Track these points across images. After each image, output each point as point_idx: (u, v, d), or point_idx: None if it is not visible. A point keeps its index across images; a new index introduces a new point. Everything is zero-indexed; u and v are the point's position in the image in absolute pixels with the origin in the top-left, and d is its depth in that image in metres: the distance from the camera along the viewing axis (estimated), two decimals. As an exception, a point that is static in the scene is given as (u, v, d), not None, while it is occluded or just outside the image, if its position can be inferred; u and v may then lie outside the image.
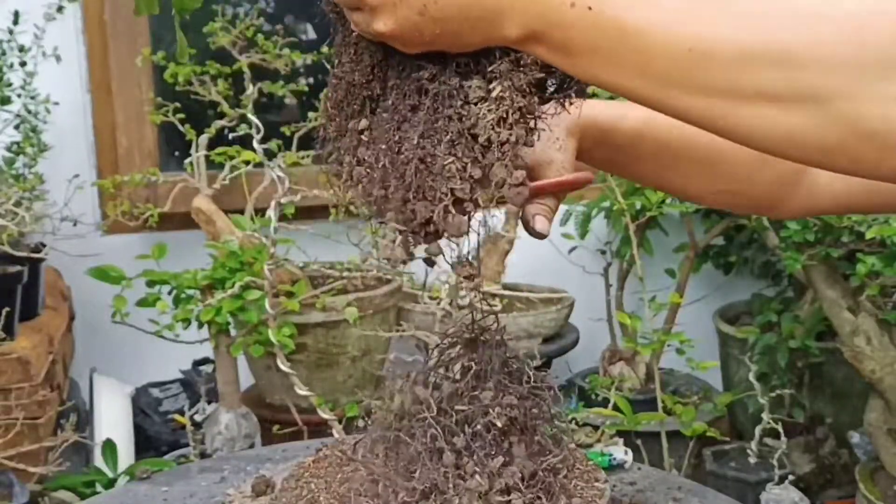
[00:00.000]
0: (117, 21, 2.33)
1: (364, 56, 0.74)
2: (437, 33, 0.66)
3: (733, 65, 0.58)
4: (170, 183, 2.26)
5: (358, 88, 0.75)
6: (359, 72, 0.75)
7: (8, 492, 1.51)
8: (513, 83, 0.69)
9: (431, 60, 0.71)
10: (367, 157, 0.74)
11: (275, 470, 1.02)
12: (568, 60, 0.65)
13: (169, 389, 2.32)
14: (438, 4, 0.65)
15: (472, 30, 0.66)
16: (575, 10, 0.63)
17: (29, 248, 1.88)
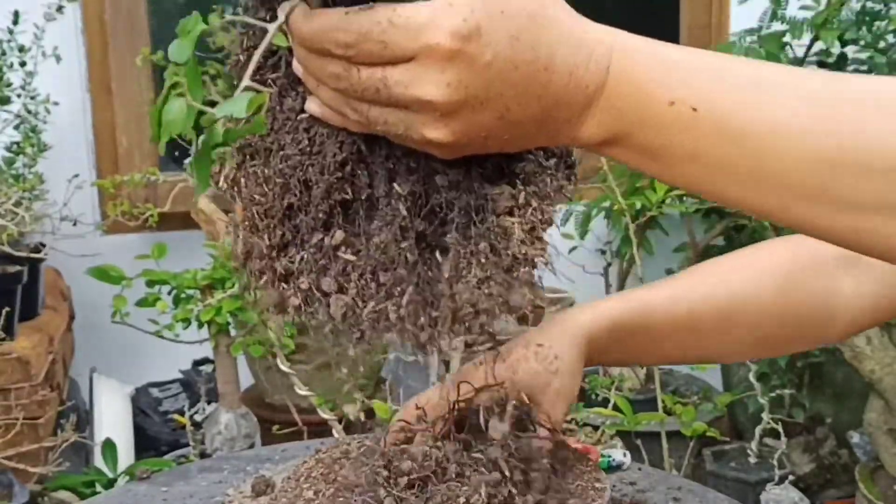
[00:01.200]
0: (117, 21, 2.33)
1: (326, 147, 0.58)
2: (504, 139, 0.55)
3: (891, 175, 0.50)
4: (170, 183, 2.26)
5: (320, 191, 0.58)
6: (316, 167, 0.58)
7: (8, 492, 1.51)
8: (538, 189, 0.59)
9: (448, 162, 0.57)
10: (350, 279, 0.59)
11: (275, 470, 1.02)
12: (657, 165, 0.57)
13: (169, 389, 2.32)
14: (522, 106, 0.54)
15: (545, 132, 0.56)
16: (674, 110, 0.54)
17: (29, 248, 1.88)
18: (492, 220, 0.57)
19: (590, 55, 0.54)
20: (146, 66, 2.30)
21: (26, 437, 1.66)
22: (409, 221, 0.58)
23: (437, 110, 0.52)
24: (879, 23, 2.26)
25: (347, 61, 0.53)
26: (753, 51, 2.23)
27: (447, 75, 0.51)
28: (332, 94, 0.56)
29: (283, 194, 0.59)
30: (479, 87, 0.52)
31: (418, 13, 0.51)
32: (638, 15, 2.98)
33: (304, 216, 0.59)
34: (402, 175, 0.58)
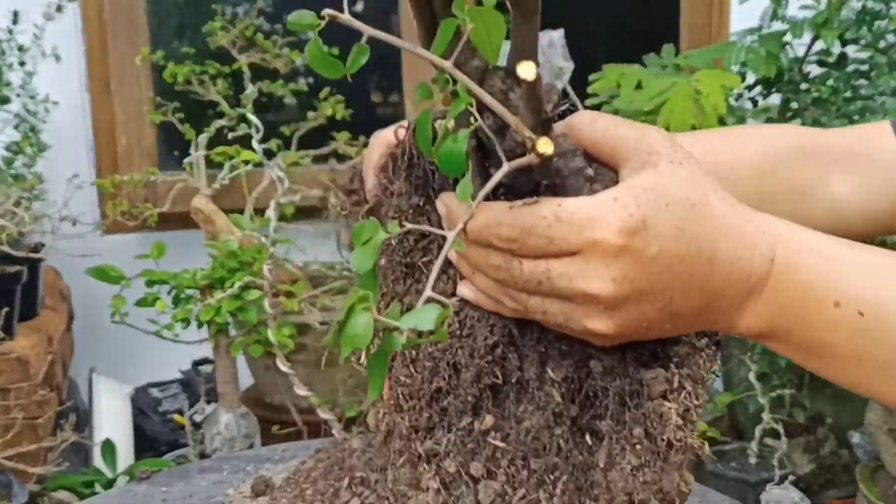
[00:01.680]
0: (117, 20, 2.32)
1: (478, 330, 0.57)
2: (664, 328, 0.55)
3: None
4: (169, 182, 2.26)
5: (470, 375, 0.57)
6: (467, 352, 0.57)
7: (7, 492, 1.50)
8: (691, 372, 0.57)
9: (602, 348, 0.56)
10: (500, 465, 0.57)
11: (274, 470, 1.01)
12: (818, 363, 0.56)
13: (168, 389, 2.31)
14: (685, 297, 0.53)
15: (704, 322, 0.56)
16: (840, 312, 0.53)
17: (28, 248, 1.88)
18: (647, 405, 0.56)
19: (753, 246, 0.54)
20: (146, 66, 2.30)
21: (26, 437, 1.66)
22: (563, 407, 0.56)
23: (602, 304, 0.52)
24: (880, 22, 2.26)
25: (510, 254, 0.53)
26: (753, 50, 2.23)
27: (613, 270, 0.51)
28: (490, 282, 0.55)
29: (432, 378, 0.58)
30: (644, 280, 0.52)
31: (583, 208, 0.51)
32: (638, 15, 2.98)
33: (453, 399, 0.58)
34: (555, 359, 0.57)
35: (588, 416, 0.57)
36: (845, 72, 2.32)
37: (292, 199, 1.97)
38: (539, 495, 0.56)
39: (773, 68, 2.21)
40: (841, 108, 2.22)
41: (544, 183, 0.52)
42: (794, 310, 0.54)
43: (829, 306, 0.54)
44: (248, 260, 1.82)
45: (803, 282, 0.54)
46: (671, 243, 0.51)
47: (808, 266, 0.55)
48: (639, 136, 0.54)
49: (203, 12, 2.34)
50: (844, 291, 0.54)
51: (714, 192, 0.54)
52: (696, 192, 0.53)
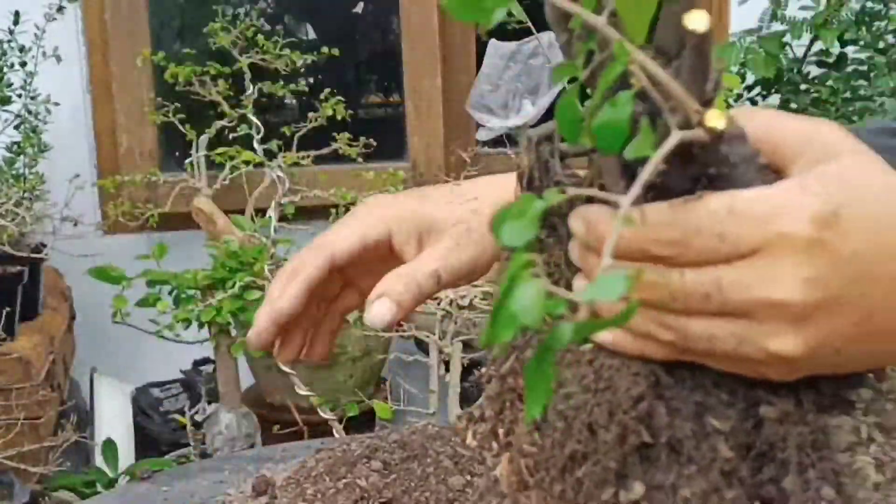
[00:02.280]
0: (117, 21, 2.33)
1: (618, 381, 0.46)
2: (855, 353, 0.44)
3: None
4: (170, 183, 2.26)
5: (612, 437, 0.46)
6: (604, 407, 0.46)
7: (8, 492, 1.51)
8: (879, 419, 0.46)
9: (773, 390, 0.45)
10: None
11: (275, 470, 1.02)
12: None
13: (169, 389, 2.32)
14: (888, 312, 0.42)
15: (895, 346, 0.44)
16: None
17: (29, 249, 1.88)
18: (836, 458, 0.46)
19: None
20: (147, 67, 2.31)
21: (27, 437, 1.67)
22: (733, 465, 0.45)
23: (789, 316, 0.42)
24: (879, 23, 2.27)
25: (666, 264, 0.43)
26: (753, 51, 2.23)
27: (805, 269, 0.41)
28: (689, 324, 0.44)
29: (565, 441, 0.47)
30: (840, 284, 0.41)
31: (764, 197, 0.42)
32: (638, 15, 2.98)
33: (591, 466, 0.47)
34: (716, 409, 0.46)
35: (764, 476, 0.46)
36: (845, 72, 2.32)
37: (292, 200, 1.97)
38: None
39: (772, 69, 2.21)
40: (840, 108, 2.22)
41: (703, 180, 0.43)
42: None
43: None
44: (248, 260, 1.82)
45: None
46: (871, 237, 0.42)
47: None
48: (810, 129, 0.46)
49: (204, 13, 2.35)
50: None
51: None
52: (890, 184, 0.43)
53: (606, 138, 0.39)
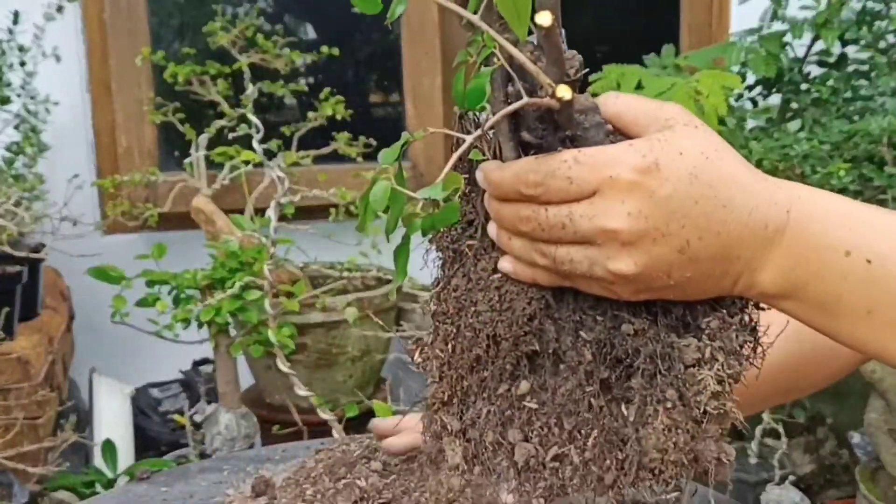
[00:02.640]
0: (117, 21, 2.33)
1: (516, 303, 0.60)
2: (686, 276, 0.56)
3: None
4: (169, 183, 2.26)
5: (508, 344, 0.60)
6: (506, 323, 0.59)
7: (8, 492, 1.51)
8: (724, 345, 0.59)
9: (634, 312, 0.59)
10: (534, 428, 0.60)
11: (275, 470, 1.02)
12: (832, 321, 0.57)
13: (169, 389, 2.32)
14: (703, 241, 0.55)
15: (723, 274, 0.57)
16: (850, 261, 0.55)
17: (29, 248, 1.88)
18: (679, 369, 0.58)
19: (770, 196, 0.57)
20: (146, 66, 2.30)
21: (26, 437, 1.66)
22: (594, 366, 0.59)
23: (620, 240, 0.55)
24: (880, 23, 2.26)
25: (536, 202, 0.56)
26: (753, 51, 2.23)
27: (628, 205, 0.54)
28: (522, 243, 0.58)
29: (471, 347, 0.61)
30: (658, 218, 0.54)
31: (600, 151, 0.56)
32: (638, 15, 2.98)
33: (491, 367, 0.61)
34: (589, 325, 0.59)
35: (620, 377, 0.59)
36: (845, 72, 2.32)
37: (292, 199, 1.97)
38: (570, 449, 0.58)
39: (773, 68, 2.21)
40: (841, 108, 2.22)
41: (568, 139, 0.57)
42: (810, 261, 0.56)
43: (840, 256, 0.56)
44: (248, 260, 1.82)
45: (817, 232, 0.56)
46: (685, 186, 0.54)
47: (822, 218, 0.57)
48: (657, 106, 0.58)
49: (203, 13, 2.35)
50: (855, 241, 0.56)
51: (729, 150, 0.57)
52: (710, 148, 0.56)
53: (472, 99, 0.57)
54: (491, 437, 0.60)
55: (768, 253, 0.57)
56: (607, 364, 0.59)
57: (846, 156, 2.00)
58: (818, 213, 0.57)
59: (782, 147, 2.05)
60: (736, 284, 0.58)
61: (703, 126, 0.58)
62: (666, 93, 2.02)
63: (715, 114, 1.98)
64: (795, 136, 2.12)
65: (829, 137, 2.03)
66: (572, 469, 0.58)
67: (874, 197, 1.95)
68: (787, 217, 0.57)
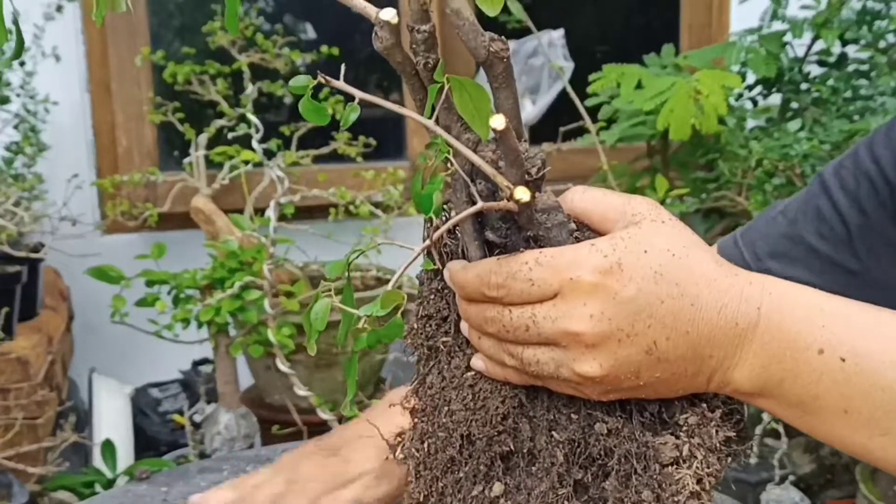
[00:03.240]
0: (117, 20, 2.32)
1: (489, 402, 0.59)
2: (655, 377, 0.56)
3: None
4: (169, 182, 2.26)
5: (482, 444, 0.59)
6: (479, 422, 0.59)
7: (7, 492, 1.50)
8: (702, 441, 0.58)
9: (608, 411, 0.58)
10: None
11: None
12: (810, 419, 0.57)
13: (168, 389, 2.31)
14: (671, 341, 0.54)
15: (695, 373, 0.56)
16: (823, 359, 0.55)
17: (28, 248, 1.88)
18: (655, 469, 0.57)
19: (740, 293, 0.55)
20: (146, 66, 2.30)
21: (25, 437, 1.66)
22: (567, 467, 0.58)
23: (583, 342, 0.54)
24: (880, 22, 2.26)
25: (500, 304, 0.56)
26: (753, 50, 2.23)
27: (590, 307, 0.54)
28: (491, 343, 0.58)
29: (445, 447, 0.61)
30: (622, 319, 0.54)
31: (562, 254, 0.55)
32: (638, 14, 2.98)
33: (465, 468, 0.60)
34: (563, 424, 0.59)
35: (595, 476, 0.58)
36: (845, 72, 2.32)
37: (292, 199, 1.97)
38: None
39: (773, 68, 2.21)
40: (841, 108, 2.22)
41: (531, 239, 0.57)
42: (784, 359, 0.55)
43: (814, 354, 0.55)
44: (248, 260, 1.82)
45: (790, 329, 0.55)
46: (649, 285, 0.54)
47: (794, 314, 0.56)
48: (625, 201, 0.58)
49: (203, 12, 2.34)
50: (828, 339, 0.55)
51: (698, 246, 0.56)
52: (677, 245, 0.55)
53: (424, 205, 0.56)
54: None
55: (741, 351, 0.55)
56: (581, 464, 0.58)
57: (846, 155, 2.00)
58: (790, 309, 0.56)
59: (782, 147, 2.05)
60: (710, 382, 0.57)
61: (672, 220, 0.57)
62: (666, 92, 2.02)
63: (715, 113, 1.98)
64: (795, 135, 2.12)
65: (829, 137, 2.03)
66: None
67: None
68: (759, 314, 0.55)
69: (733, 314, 0.55)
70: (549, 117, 2.37)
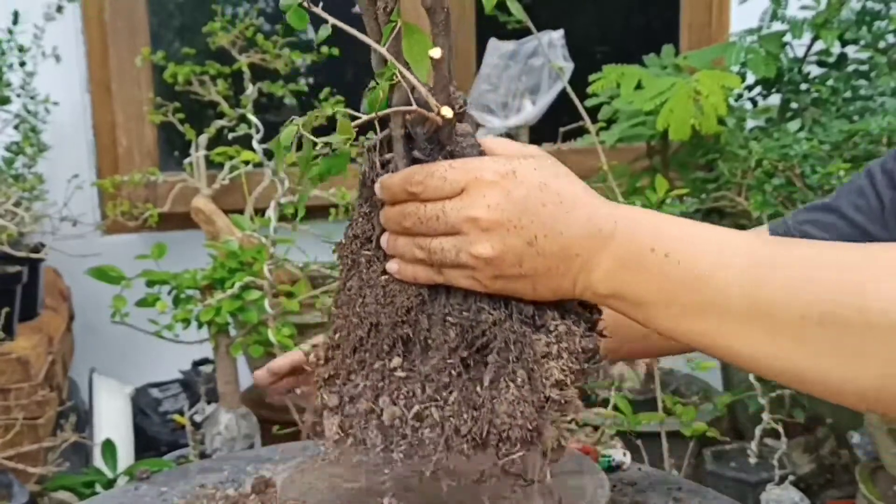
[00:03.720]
0: (117, 21, 2.33)
1: (397, 298, 0.72)
2: (534, 267, 0.68)
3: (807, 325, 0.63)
4: (169, 183, 2.26)
5: (387, 329, 0.72)
6: (387, 314, 0.72)
7: (7, 492, 1.51)
8: (568, 346, 0.70)
9: (494, 306, 0.71)
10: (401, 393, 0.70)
11: (275, 470, 1.02)
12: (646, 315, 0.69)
13: (168, 389, 2.32)
14: (548, 239, 0.68)
15: (565, 271, 0.69)
16: (654, 256, 0.67)
17: (28, 248, 1.88)
18: (530, 354, 0.69)
19: (604, 209, 0.70)
20: (146, 66, 2.30)
21: (26, 437, 1.66)
22: (457, 344, 0.70)
23: (480, 227, 0.68)
24: (879, 23, 2.26)
25: (417, 200, 0.70)
26: (753, 51, 2.23)
27: (488, 199, 0.68)
28: (405, 241, 0.72)
29: (356, 330, 0.73)
30: (512, 212, 0.68)
31: (471, 160, 0.71)
32: (638, 15, 2.98)
33: (371, 347, 0.73)
34: (455, 314, 0.71)
35: (478, 361, 0.70)
36: (845, 72, 2.32)
37: (292, 199, 1.97)
38: (431, 406, 0.69)
39: (772, 69, 2.21)
40: (841, 108, 2.22)
41: (449, 155, 0.72)
42: (630, 262, 0.68)
43: (647, 253, 0.67)
44: (248, 260, 1.82)
45: (635, 237, 0.68)
46: (536, 191, 0.68)
47: (639, 225, 0.69)
48: (523, 146, 0.74)
49: (203, 13, 2.35)
50: (659, 238, 0.68)
51: (576, 178, 0.72)
52: (562, 171, 0.71)
53: (371, 105, 0.74)
54: (364, 406, 0.70)
55: (600, 256, 0.68)
56: (468, 344, 0.70)
57: (846, 156, 2.00)
58: (637, 222, 0.69)
59: (782, 147, 2.05)
60: (575, 285, 0.69)
61: (557, 161, 0.72)
62: (666, 93, 2.02)
63: (714, 114, 1.98)
64: (795, 136, 2.12)
65: (828, 137, 2.03)
66: (432, 425, 0.68)
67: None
68: (615, 226, 0.68)
69: (598, 223, 0.68)
70: (549, 117, 2.37)
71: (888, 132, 1.94)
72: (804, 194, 2.00)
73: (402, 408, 0.69)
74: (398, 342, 0.72)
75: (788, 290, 0.64)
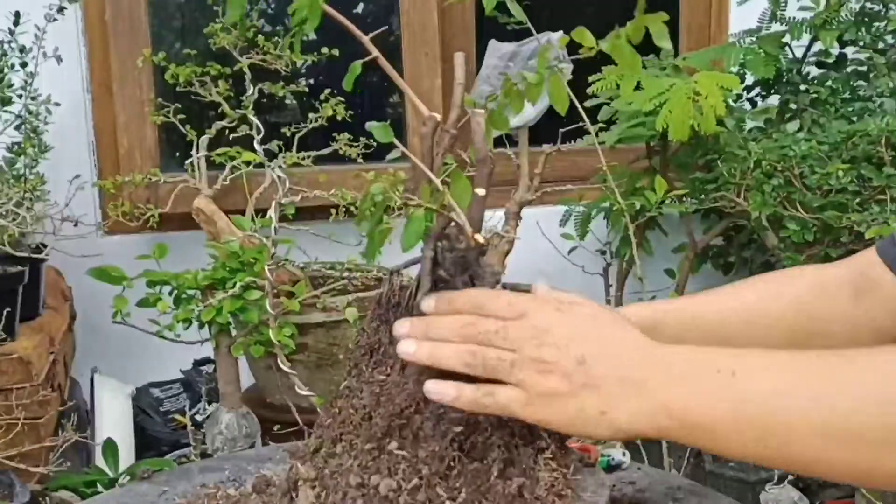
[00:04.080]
0: (118, 21, 2.33)
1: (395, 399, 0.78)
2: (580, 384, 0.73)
3: None
4: (170, 183, 2.26)
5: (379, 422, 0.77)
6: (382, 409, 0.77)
7: (9, 492, 1.51)
8: (560, 462, 0.77)
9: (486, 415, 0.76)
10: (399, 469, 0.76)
11: (276, 470, 1.02)
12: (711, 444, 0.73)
13: (170, 389, 2.32)
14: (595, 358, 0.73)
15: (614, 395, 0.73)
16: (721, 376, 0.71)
17: (30, 249, 1.88)
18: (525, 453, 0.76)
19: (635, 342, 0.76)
20: (147, 67, 2.31)
21: (27, 437, 1.67)
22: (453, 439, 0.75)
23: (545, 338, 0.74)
24: (878, 24, 2.27)
25: (476, 315, 0.77)
26: (752, 52, 2.24)
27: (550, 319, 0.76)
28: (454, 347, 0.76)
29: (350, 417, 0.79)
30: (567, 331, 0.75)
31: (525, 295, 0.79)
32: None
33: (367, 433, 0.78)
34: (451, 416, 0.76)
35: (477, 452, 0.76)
36: (844, 73, 2.32)
37: (293, 200, 1.97)
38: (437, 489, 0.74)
39: (771, 69, 2.21)
40: (840, 108, 2.23)
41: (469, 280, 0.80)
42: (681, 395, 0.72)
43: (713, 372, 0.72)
44: (249, 260, 1.82)
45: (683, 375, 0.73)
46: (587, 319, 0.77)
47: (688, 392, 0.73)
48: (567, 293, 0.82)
49: (204, 14, 2.35)
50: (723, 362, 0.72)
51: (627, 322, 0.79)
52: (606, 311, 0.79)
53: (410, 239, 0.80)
54: (354, 480, 0.75)
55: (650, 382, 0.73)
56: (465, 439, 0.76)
57: (845, 156, 2.01)
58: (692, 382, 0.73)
59: (781, 148, 2.06)
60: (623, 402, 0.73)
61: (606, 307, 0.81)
62: (665, 93, 2.03)
63: (713, 114, 1.99)
64: (794, 136, 2.12)
65: (827, 138, 2.04)
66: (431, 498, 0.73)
67: (873, 197, 1.96)
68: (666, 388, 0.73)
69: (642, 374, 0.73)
70: (549, 118, 2.37)
71: (887, 133, 1.94)
72: (803, 195, 2.01)
73: (399, 481, 0.74)
74: (394, 430, 0.77)
75: None
